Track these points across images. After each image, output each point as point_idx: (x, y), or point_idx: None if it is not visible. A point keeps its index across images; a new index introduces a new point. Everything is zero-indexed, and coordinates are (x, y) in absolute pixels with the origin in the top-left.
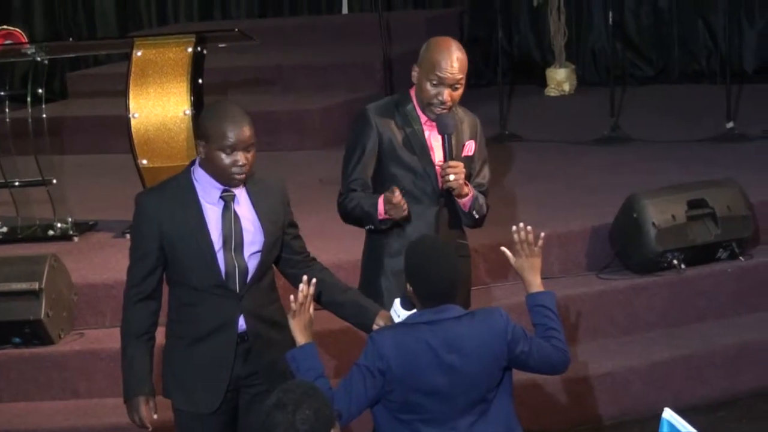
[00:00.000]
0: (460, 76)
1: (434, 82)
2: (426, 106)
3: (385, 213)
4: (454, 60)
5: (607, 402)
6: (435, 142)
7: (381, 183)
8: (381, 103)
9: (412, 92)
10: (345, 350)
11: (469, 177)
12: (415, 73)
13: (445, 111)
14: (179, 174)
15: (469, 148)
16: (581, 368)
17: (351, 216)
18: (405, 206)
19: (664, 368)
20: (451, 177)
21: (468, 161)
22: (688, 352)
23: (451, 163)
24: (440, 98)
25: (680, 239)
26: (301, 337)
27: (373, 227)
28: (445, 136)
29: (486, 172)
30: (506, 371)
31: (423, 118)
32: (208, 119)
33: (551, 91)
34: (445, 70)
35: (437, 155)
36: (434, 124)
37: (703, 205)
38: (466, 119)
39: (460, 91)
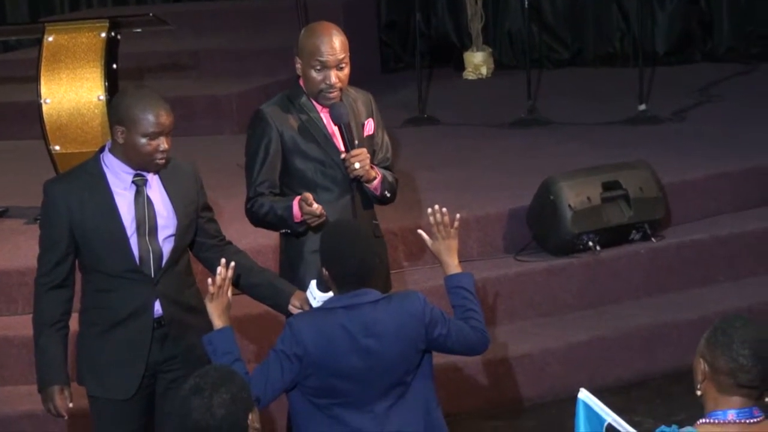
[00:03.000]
0: (342, 56)
1: (318, 68)
2: (317, 94)
3: (302, 217)
4: (333, 41)
5: (525, 383)
6: (336, 128)
7: (289, 180)
8: (274, 101)
9: (302, 83)
10: (264, 335)
11: (374, 155)
12: (298, 66)
13: (336, 94)
14: (88, 161)
15: (369, 127)
16: (500, 350)
17: (264, 222)
18: (322, 212)
19: (581, 349)
20: (357, 165)
21: (370, 140)
22: (603, 333)
23: (353, 152)
24: (328, 82)
25: (595, 221)
26: (218, 321)
27: (289, 231)
28: (342, 125)
29: (387, 144)
30: (425, 354)
31: (319, 107)
32: (129, 105)
33: (469, 74)
34: (325, 53)
35: (341, 142)
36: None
37: (616, 187)
38: (359, 98)
39: (346, 71)
